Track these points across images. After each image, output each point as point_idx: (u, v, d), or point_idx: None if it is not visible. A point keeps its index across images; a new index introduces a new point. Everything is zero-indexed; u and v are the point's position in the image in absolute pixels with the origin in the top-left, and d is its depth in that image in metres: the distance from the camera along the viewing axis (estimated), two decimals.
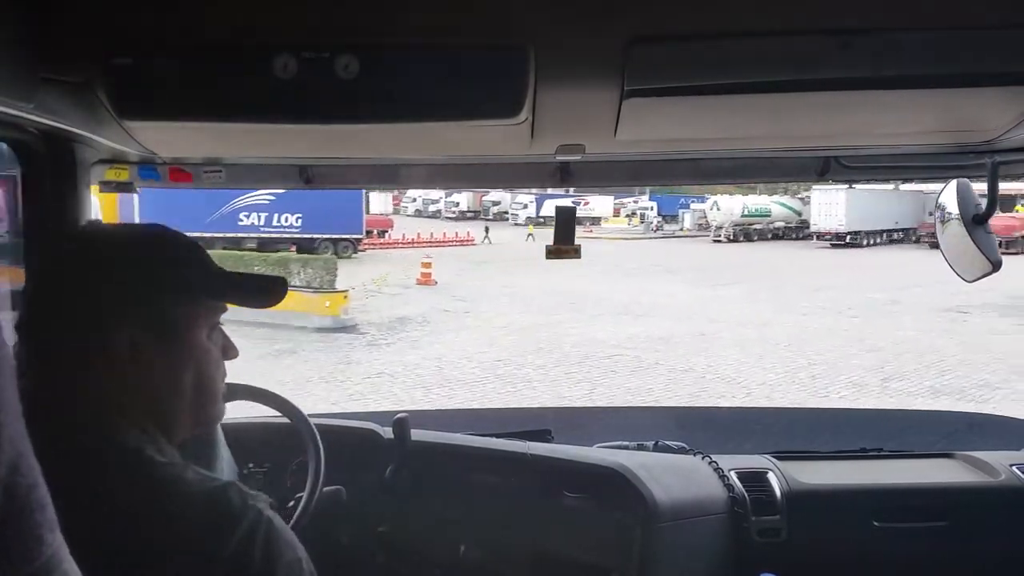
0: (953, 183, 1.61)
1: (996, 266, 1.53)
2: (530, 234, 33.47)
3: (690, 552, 1.98)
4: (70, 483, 0.79)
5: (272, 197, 24.53)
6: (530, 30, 1.03)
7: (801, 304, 17.77)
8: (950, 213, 1.58)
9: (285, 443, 1.71)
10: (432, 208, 51.71)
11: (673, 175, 1.87)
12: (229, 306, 1.10)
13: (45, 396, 0.91)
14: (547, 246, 1.81)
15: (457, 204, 50.22)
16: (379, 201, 43.13)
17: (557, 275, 18.56)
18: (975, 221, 1.54)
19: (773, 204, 39.77)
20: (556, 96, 1.16)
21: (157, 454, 0.96)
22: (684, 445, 2.21)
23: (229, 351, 1.11)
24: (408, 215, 49.12)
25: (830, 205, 34.42)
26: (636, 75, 1.09)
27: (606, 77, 1.11)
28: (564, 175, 1.78)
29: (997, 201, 1.58)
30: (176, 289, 1.02)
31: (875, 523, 2.02)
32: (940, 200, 1.63)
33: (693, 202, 45.05)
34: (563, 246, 1.81)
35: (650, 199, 46.06)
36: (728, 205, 38.01)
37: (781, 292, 19.54)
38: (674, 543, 1.92)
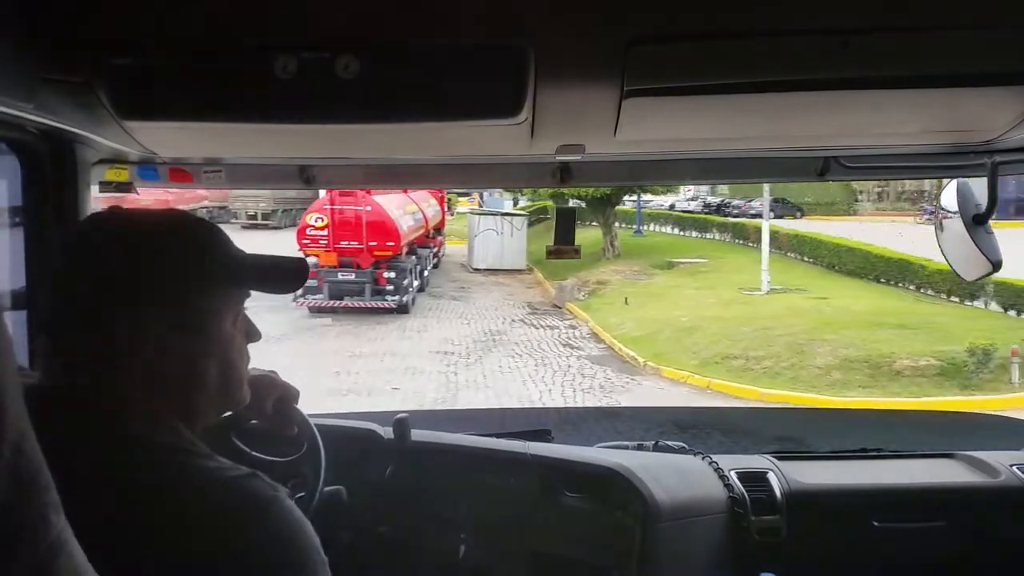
0: (953, 183, 1.61)
1: (996, 266, 1.53)
2: None
3: (690, 552, 1.98)
4: (93, 477, 0.80)
5: None
6: (530, 30, 1.03)
7: None
8: (950, 213, 1.58)
9: (285, 443, 1.71)
10: None
11: (673, 175, 1.87)
12: None
13: (67, 391, 0.92)
14: (547, 246, 1.81)
15: None
16: None
17: None
18: (975, 221, 1.54)
19: None
20: (556, 96, 1.16)
21: (181, 445, 0.95)
22: (684, 445, 2.21)
23: (252, 335, 1.10)
24: None
25: None
26: (636, 75, 1.09)
27: (606, 77, 1.11)
28: (564, 175, 1.78)
29: (997, 201, 1.58)
30: (202, 279, 1.00)
31: (875, 523, 2.02)
32: (940, 200, 1.63)
33: None
34: (563, 246, 1.81)
35: None
36: None
37: None
38: (674, 543, 1.92)
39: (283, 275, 1.09)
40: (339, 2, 1.01)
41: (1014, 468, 2.09)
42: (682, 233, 28.04)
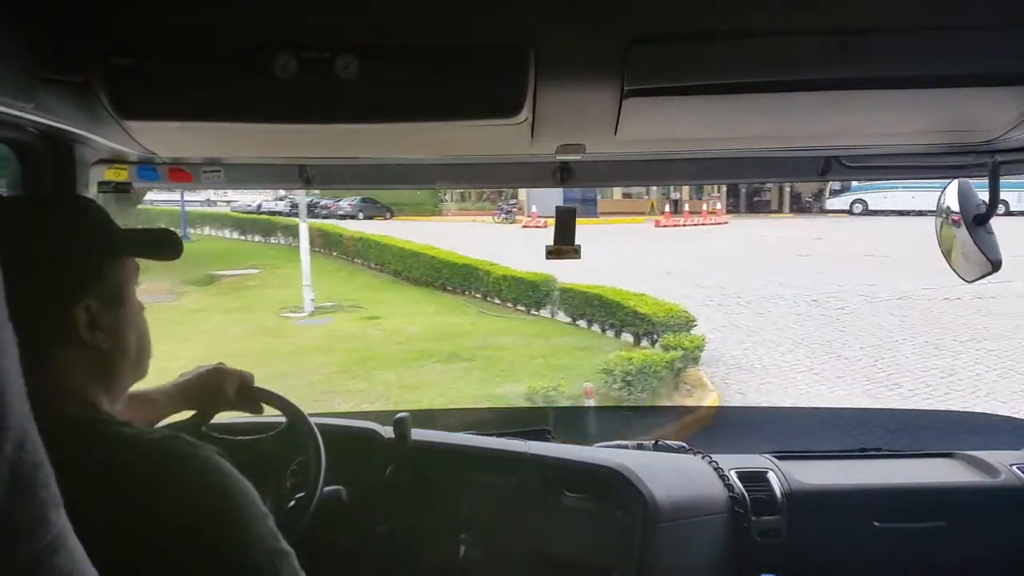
0: (954, 183, 1.61)
1: (996, 266, 1.53)
2: None
3: (690, 552, 1.98)
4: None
5: None
6: (530, 30, 1.03)
7: None
8: (951, 213, 1.58)
9: (285, 443, 1.72)
10: None
11: (673, 175, 1.87)
12: None
13: None
14: (547, 246, 1.80)
15: None
16: None
17: None
18: (976, 221, 1.54)
19: None
20: (556, 96, 1.16)
21: (100, 416, 0.97)
22: (684, 445, 2.21)
23: (143, 305, 1.13)
24: None
25: None
26: (636, 75, 1.09)
27: (606, 77, 1.11)
28: (564, 175, 1.78)
29: (998, 201, 1.58)
30: (114, 251, 1.04)
31: (875, 523, 2.02)
32: (941, 200, 1.62)
33: None
34: (563, 246, 1.81)
35: None
36: None
37: None
38: (674, 543, 1.92)
39: (162, 244, 1.11)
40: (339, 2, 1.01)
41: (1014, 468, 2.09)
42: (243, 237, 24.05)
